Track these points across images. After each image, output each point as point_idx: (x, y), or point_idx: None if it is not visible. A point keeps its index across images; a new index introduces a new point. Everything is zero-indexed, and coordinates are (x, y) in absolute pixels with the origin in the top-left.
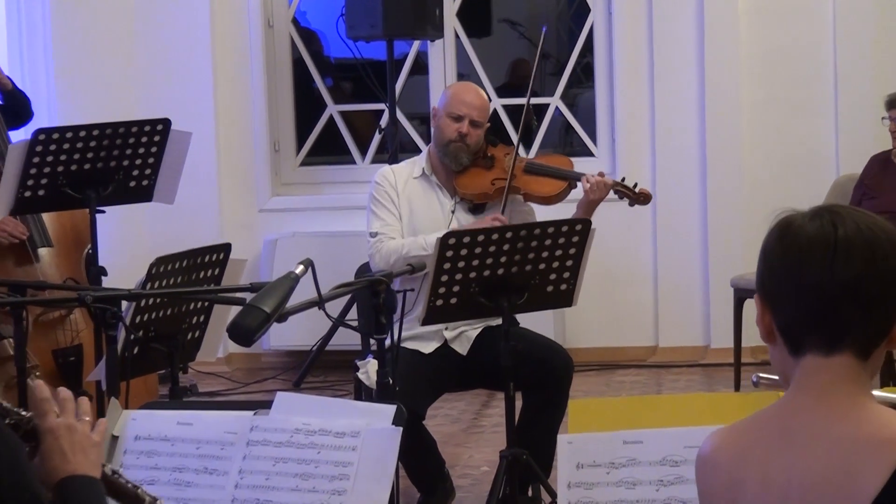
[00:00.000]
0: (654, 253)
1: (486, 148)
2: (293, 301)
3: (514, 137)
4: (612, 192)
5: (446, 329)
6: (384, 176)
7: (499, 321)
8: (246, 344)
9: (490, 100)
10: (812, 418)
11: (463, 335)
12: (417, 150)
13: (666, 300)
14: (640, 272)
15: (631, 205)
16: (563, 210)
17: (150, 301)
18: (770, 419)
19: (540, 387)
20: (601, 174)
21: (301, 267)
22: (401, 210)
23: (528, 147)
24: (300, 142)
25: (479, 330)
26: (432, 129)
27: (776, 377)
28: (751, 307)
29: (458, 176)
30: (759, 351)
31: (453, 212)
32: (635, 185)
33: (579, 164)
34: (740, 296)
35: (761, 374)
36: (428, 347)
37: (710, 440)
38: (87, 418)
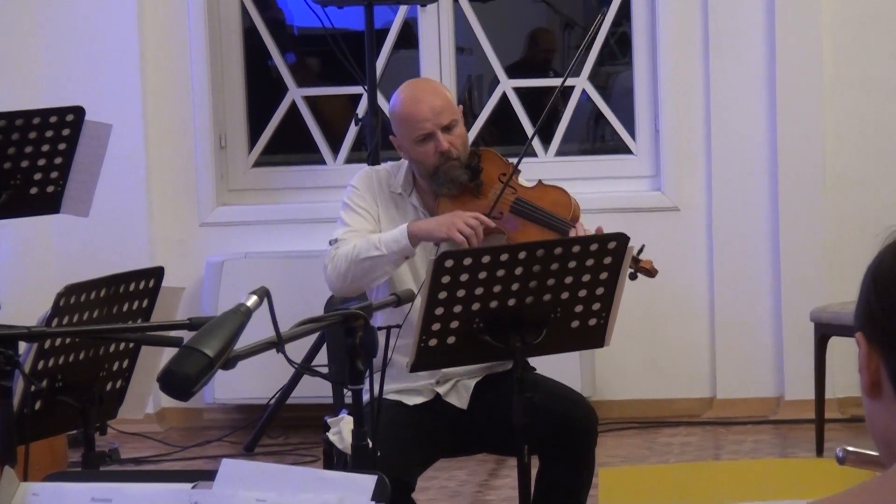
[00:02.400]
0: (709, 278)
1: (477, 160)
2: (244, 342)
3: (535, 144)
4: (630, 239)
5: (437, 383)
6: (365, 179)
7: (508, 366)
8: (183, 397)
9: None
10: None
11: (460, 384)
12: None
13: (725, 339)
14: (691, 303)
15: (632, 277)
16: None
17: (58, 342)
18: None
19: (561, 450)
20: (599, 230)
21: (254, 298)
22: (381, 224)
23: (546, 142)
24: (253, 136)
25: (481, 377)
26: (408, 160)
27: (872, 452)
28: (837, 348)
29: (441, 201)
30: (849, 404)
31: (437, 246)
32: (640, 251)
33: (612, 165)
34: (823, 333)
35: (849, 448)
36: (418, 400)
37: None
38: None
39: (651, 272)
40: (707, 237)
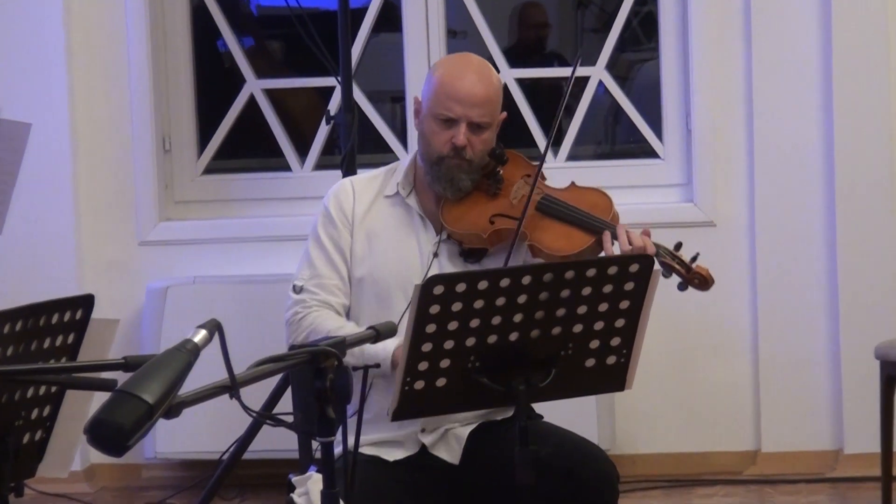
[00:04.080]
0: (752, 308)
1: (494, 162)
2: (191, 385)
3: (539, 140)
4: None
5: (423, 431)
6: (338, 198)
7: (509, 413)
8: (116, 452)
9: (500, 78)
10: None
11: (450, 434)
12: (384, 151)
13: (772, 381)
14: (730, 337)
15: (682, 288)
16: None
17: None
18: None
19: None
20: (646, 232)
21: (203, 332)
22: (354, 249)
23: (555, 144)
24: (203, 138)
25: (475, 426)
26: (417, 134)
27: None
28: None
29: (447, 203)
30: None
31: (435, 255)
32: (693, 259)
33: (635, 171)
34: (890, 373)
35: None
36: (399, 454)
37: None
38: None
39: (707, 281)
40: (749, 258)
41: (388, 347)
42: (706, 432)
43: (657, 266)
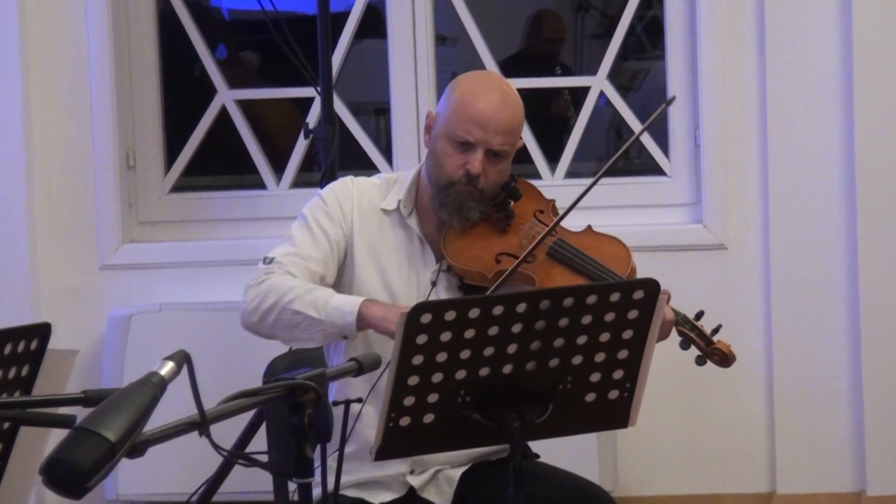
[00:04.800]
0: (766, 338)
1: (513, 186)
2: (156, 421)
3: (539, 161)
4: (673, 330)
5: (411, 473)
6: (337, 196)
7: (504, 452)
8: (74, 494)
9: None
10: None
11: (440, 475)
12: (367, 167)
13: (788, 417)
14: (743, 370)
15: (700, 362)
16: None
17: None
18: None
19: None
20: (664, 294)
21: (170, 365)
22: (355, 257)
23: (552, 160)
24: (171, 152)
25: (467, 466)
26: (427, 152)
27: None
28: None
29: (450, 231)
30: None
31: (433, 284)
32: (715, 331)
33: (639, 189)
34: None
35: None
36: (386, 497)
37: None
38: None
39: (727, 358)
40: (763, 284)
41: (354, 301)
42: (717, 473)
43: (665, 290)
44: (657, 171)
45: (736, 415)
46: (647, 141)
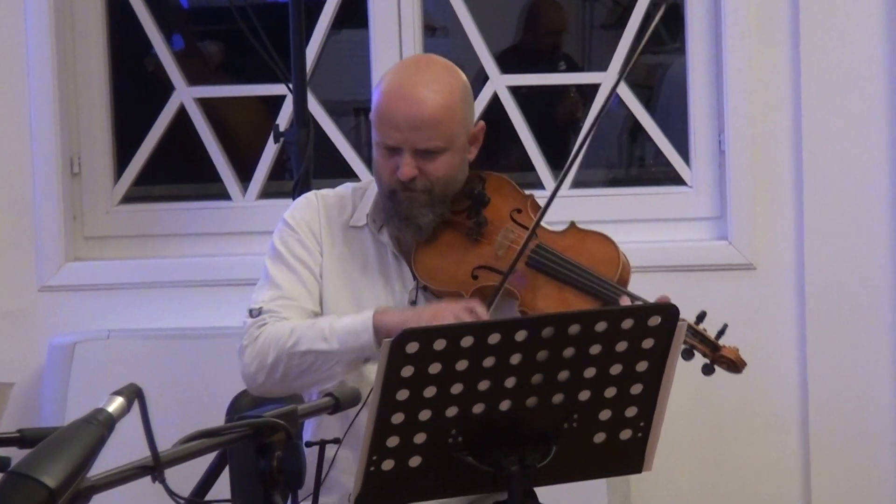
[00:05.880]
0: (800, 370)
1: (480, 187)
2: (103, 465)
3: (542, 170)
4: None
5: None
6: (302, 213)
7: (500, 498)
8: None
9: (465, 85)
10: None
11: None
12: (346, 175)
13: (826, 464)
14: (775, 410)
15: (707, 371)
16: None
17: None
18: None
19: None
20: (663, 299)
21: (119, 401)
22: (324, 278)
23: (557, 167)
24: (122, 158)
25: None
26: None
27: None
28: None
29: (419, 248)
30: None
31: (413, 304)
32: (720, 334)
33: (656, 201)
34: None
35: None
36: None
37: None
38: None
39: (737, 365)
40: (797, 310)
41: (364, 317)
42: None
43: (683, 319)
44: (675, 180)
45: (766, 459)
46: (665, 145)
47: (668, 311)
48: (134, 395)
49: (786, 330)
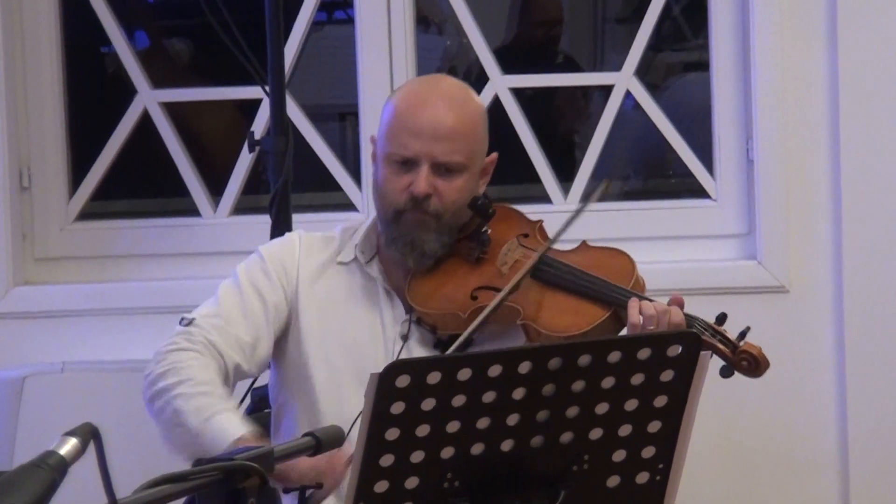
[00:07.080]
0: (839, 397)
1: (478, 219)
2: None
3: (550, 183)
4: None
5: None
6: (279, 250)
7: None
8: None
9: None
10: None
11: None
12: (330, 188)
13: (865, 489)
14: (810, 448)
15: (726, 373)
16: None
17: None
18: None
19: None
20: (676, 300)
21: (73, 441)
22: (301, 324)
23: (566, 179)
24: (77, 170)
25: None
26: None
27: None
28: None
29: (415, 276)
30: None
31: (405, 338)
32: (742, 335)
33: (676, 216)
34: None
35: None
36: None
37: None
38: None
39: (758, 361)
40: (835, 337)
41: (235, 431)
42: None
43: (675, 297)
44: (699, 193)
45: (801, 501)
46: (687, 155)
47: (689, 340)
48: (89, 435)
49: (822, 359)
